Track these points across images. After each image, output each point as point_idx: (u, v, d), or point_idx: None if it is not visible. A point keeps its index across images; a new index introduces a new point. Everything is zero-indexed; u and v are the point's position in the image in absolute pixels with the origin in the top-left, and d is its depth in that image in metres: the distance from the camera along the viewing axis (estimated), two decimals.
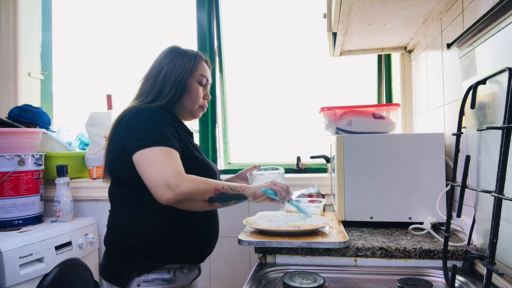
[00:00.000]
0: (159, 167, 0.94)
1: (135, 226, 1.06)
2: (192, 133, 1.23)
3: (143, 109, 1.05)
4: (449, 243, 0.94)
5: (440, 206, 1.16)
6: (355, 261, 1.00)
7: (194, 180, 0.95)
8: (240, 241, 1.01)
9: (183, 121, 1.24)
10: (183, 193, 0.92)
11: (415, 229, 1.14)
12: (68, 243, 1.68)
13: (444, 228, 0.89)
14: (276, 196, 1.09)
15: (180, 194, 0.92)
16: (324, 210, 1.43)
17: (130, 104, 1.13)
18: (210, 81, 1.25)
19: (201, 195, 0.96)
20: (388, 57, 1.99)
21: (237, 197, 1.03)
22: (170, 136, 1.01)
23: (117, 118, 1.09)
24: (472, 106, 0.76)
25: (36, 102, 2.26)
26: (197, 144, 1.27)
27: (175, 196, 0.91)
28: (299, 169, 1.99)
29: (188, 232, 1.10)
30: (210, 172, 1.14)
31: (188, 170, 1.00)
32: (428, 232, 1.10)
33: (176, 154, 0.99)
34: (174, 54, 1.17)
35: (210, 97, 1.26)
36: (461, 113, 0.83)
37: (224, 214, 1.54)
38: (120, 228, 1.09)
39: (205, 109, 1.25)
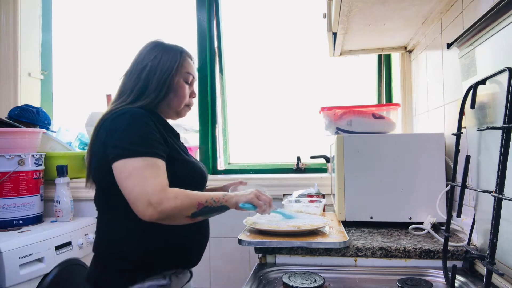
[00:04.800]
0: (140, 181, 0.87)
1: (126, 233, 1.00)
2: (178, 134, 1.17)
3: (124, 112, 0.97)
4: (449, 243, 0.94)
5: (440, 206, 1.16)
6: (355, 261, 1.00)
7: (177, 197, 0.89)
8: (240, 241, 1.01)
9: (168, 120, 1.18)
10: (165, 211, 0.86)
11: (415, 229, 1.14)
12: (68, 243, 1.68)
13: (444, 228, 0.89)
14: (254, 209, 1.02)
15: (163, 213, 0.86)
16: (324, 210, 1.43)
17: (112, 105, 1.06)
18: (196, 78, 1.19)
19: (185, 212, 0.90)
20: (388, 57, 1.99)
21: (220, 208, 0.98)
22: (154, 144, 0.94)
23: (98, 121, 1.02)
24: (472, 106, 0.76)
25: (36, 102, 2.26)
26: (182, 144, 1.20)
27: (157, 215, 0.86)
28: (299, 169, 1.99)
29: (182, 236, 1.04)
30: (198, 175, 1.09)
31: (176, 174, 0.97)
32: (428, 232, 1.10)
33: (160, 165, 0.92)
34: (159, 50, 1.10)
35: (196, 95, 1.20)
36: (461, 113, 0.83)
37: (224, 214, 1.53)
38: (110, 236, 1.02)
39: (191, 107, 1.19)
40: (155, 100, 1.05)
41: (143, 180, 0.87)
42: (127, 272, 0.98)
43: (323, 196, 1.53)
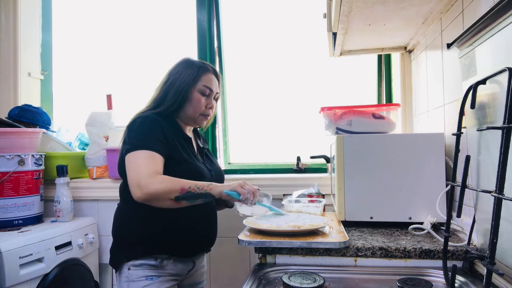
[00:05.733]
0: (136, 168, 1.07)
1: (128, 218, 1.22)
2: (189, 138, 1.30)
3: (139, 117, 1.19)
4: (449, 243, 0.93)
5: (440, 206, 1.16)
6: (355, 261, 1.00)
7: (163, 181, 1.05)
8: (240, 241, 1.01)
9: (189, 127, 1.34)
10: (150, 193, 1.03)
11: (415, 229, 1.14)
12: (68, 243, 1.68)
13: (444, 228, 0.89)
14: (239, 197, 1.11)
15: (148, 194, 1.03)
16: (324, 210, 1.43)
17: (142, 109, 1.28)
18: (216, 91, 1.31)
19: (168, 195, 1.05)
20: (388, 57, 1.99)
21: (204, 195, 1.09)
22: (155, 141, 1.12)
23: (127, 123, 1.23)
24: (472, 106, 0.76)
25: (36, 102, 2.26)
26: (198, 147, 1.35)
27: (143, 195, 1.03)
28: (299, 169, 1.98)
29: (176, 228, 1.19)
30: (197, 175, 1.19)
31: (175, 173, 1.10)
32: (428, 232, 1.10)
33: (157, 157, 1.10)
34: (183, 66, 1.27)
35: (214, 107, 1.33)
36: (461, 113, 0.83)
37: (224, 214, 1.53)
38: (119, 220, 1.26)
39: (208, 117, 1.32)
40: (170, 108, 1.23)
41: (138, 167, 1.07)
42: (125, 249, 1.19)
43: (323, 196, 1.53)
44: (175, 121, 1.28)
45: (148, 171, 1.05)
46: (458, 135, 0.83)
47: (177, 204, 1.08)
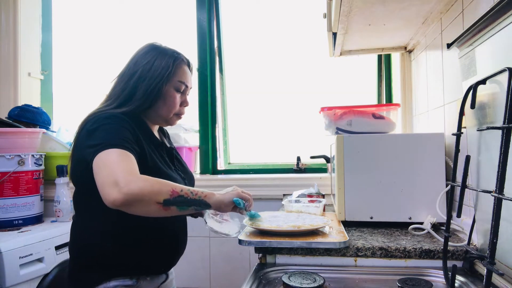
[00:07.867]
0: (109, 166, 0.84)
1: (93, 235, 1.01)
2: (161, 143, 1.13)
3: (105, 116, 0.97)
4: (449, 243, 0.93)
5: (440, 206, 1.16)
6: (355, 261, 1.00)
7: (147, 179, 0.85)
8: (240, 241, 1.01)
9: (156, 126, 1.17)
10: (133, 193, 0.81)
11: (415, 229, 1.14)
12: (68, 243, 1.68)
13: (444, 228, 0.89)
14: (243, 205, 1.01)
15: (129, 194, 0.80)
16: (324, 210, 1.43)
17: (99, 106, 1.06)
18: (190, 86, 1.15)
19: (155, 196, 0.84)
20: (388, 57, 1.99)
21: (198, 203, 0.93)
22: (128, 141, 0.93)
23: (81, 123, 1.02)
24: (472, 106, 0.76)
25: (36, 102, 2.26)
26: (168, 152, 1.17)
27: (123, 196, 0.80)
28: (299, 169, 1.99)
29: (150, 244, 1.03)
30: None
31: None
32: (428, 232, 1.10)
33: (132, 156, 0.90)
34: (152, 55, 1.07)
35: (189, 104, 1.16)
36: (461, 113, 0.83)
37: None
38: (80, 236, 1.04)
39: (182, 116, 1.15)
40: (140, 107, 1.04)
41: (112, 165, 0.85)
42: (94, 270, 0.99)
43: (323, 196, 1.53)
44: (144, 122, 1.09)
45: (125, 168, 0.84)
46: (458, 135, 0.83)
47: (164, 211, 0.87)
